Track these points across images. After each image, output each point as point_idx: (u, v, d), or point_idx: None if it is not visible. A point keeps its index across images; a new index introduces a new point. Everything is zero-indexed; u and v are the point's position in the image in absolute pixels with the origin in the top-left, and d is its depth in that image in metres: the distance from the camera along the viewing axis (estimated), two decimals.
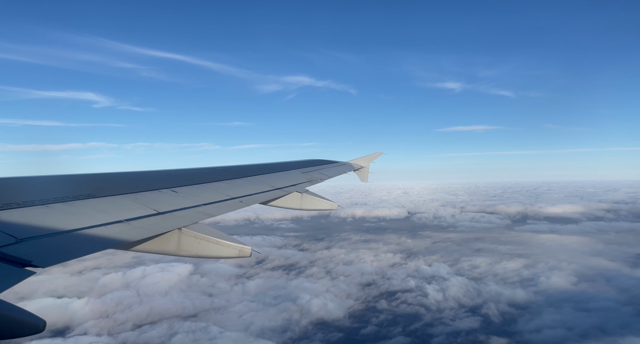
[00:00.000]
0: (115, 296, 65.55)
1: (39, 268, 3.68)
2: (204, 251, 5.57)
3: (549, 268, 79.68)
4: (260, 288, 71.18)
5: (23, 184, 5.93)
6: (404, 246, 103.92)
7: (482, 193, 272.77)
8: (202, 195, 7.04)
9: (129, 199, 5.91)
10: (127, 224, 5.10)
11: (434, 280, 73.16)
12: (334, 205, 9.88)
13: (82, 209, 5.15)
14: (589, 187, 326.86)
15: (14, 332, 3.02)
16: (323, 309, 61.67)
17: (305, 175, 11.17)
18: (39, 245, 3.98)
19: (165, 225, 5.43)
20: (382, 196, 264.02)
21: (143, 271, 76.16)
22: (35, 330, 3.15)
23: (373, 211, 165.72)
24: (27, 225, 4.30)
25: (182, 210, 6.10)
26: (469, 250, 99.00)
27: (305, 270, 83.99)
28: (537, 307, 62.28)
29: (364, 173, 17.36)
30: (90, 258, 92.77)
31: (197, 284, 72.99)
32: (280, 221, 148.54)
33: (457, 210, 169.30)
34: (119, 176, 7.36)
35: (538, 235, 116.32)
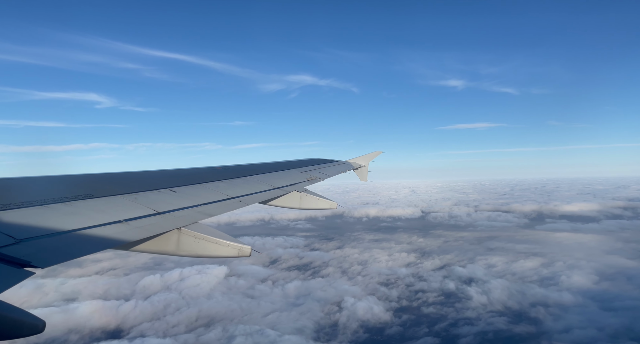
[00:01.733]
0: (161, 299, 66.00)
1: (39, 269, 3.66)
2: (203, 251, 5.54)
3: (567, 266, 78.79)
4: (300, 290, 71.28)
5: (22, 184, 5.93)
6: (426, 246, 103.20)
7: (491, 192, 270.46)
8: (201, 194, 7.02)
9: (128, 199, 5.89)
10: (126, 224, 5.08)
11: (473, 282, 72.28)
12: (334, 204, 9.84)
13: (81, 209, 5.14)
14: (597, 184, 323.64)
15: (13, 332, 3.00)
16: (369, 312, 61.43)
17: (304, 174, 11.15)
18: (38, 246, 3.97)
19: (164, 224, 5.42)
20: (391, 195, 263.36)
21: (180, 274, 76.74)
22: (35, 331, 3.14)
23: (387, 210, 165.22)
24: (26, 226, 4.29)
25: (182, 209, 6.07)
26: (486, 248, 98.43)
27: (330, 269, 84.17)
28: (562, 306, 61.50)
29: (363, 172, 17.33)
30: (105, 259, 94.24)
31: (237, 286, 73.43)
32: (296, 221, 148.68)
33: (471, 209, 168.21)
34: (118, 176, 7.36)
35: (555, 233, 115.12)
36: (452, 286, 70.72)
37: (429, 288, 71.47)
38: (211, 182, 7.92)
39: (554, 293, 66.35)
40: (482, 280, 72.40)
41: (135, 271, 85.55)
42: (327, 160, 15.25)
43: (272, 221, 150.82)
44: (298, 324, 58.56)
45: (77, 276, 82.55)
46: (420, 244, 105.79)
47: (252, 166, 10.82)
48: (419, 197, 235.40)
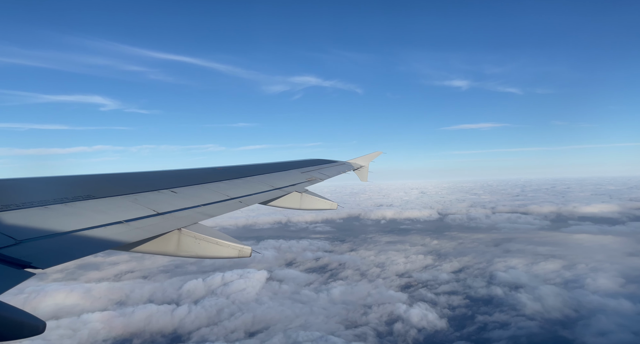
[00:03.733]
0: (212, 304, 66.14)
1: (39, 270, 3.65)
2: (203, 251, 5.53)
3: (591, 269, 77.38)
4: (345, 295, 70.84)
5: (22, 185, 5.95)
6: (453, 249, 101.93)
7: (502, 193, 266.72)
8: (202, 195, 7.01)
9: (129, 200, 5.89)
10: (126, 225, 5.08)
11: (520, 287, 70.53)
12: (334, 204, 9.83)
13: (81, 210, 5.14)
14: (607, 184, 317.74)
15: (14, 333, 3.00)
16: (424, 319, 60.68)
17: (304, 174, 11.14)
18: (38, 246, 3.97)
19: (164, 225, 5.41)
20: (401, 196, 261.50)
21: (222, 278, 77.13)
22: (35, 331, 3.13)
23: (403, 212, 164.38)
24: (26, 226, 4.29)
25: (182, 210, 6.06)
26: (509, 251, 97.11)
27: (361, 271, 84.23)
28: (592, 309, 60.38)
29: (363, 172, 17.26)
30: (122, 261, 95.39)
31: (281, 291, 73.39)
32: (314, 223, 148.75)
33: (488, 211, 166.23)
34: (119, 177, 7.38)
35: (574, 235, 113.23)
36: (499, 292, 69.12)
37: (476, 294, 70.10)
38: (211, 183, 7.91)
39: (584, 296, 65.16)
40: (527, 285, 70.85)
41: (156, 274, 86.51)
42: (327, 161, 15.22)
43: (290, 223, 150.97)
44: (357, 331, 58.33)
45: (100, 279, 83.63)
46: (446, 247, 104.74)
47: (252, 166, 10.82)
48: (431, 198, 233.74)
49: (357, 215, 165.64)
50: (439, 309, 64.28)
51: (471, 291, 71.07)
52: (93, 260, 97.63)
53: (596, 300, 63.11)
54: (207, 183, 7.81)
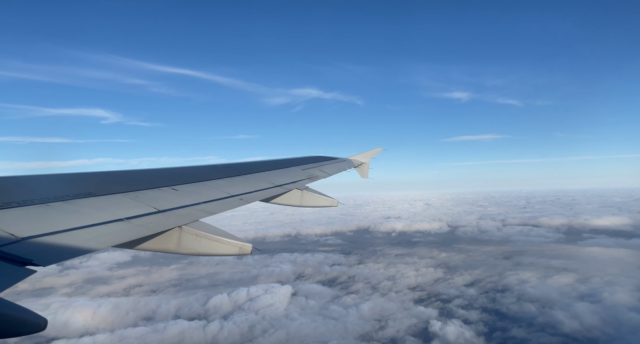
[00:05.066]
0: (242, 319, 65.53)
1: (40, 267, 3.67)
2: (204, 249, 5.53)
3: (605, 283, 76.10)
4: (375, 311, 69.93)
5: (23, 183, 5.98)
6: (471, 263, 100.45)
7: (508, 204, 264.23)
8: (202, 192, 6.99)
9: (129, 197, 5.89)
10: (127, 222, 5.07)
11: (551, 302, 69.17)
12: (335, 201, 9.76)
13: (82, 208, 5.14)
14: (612, 196, 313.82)
15: (15, 330, 3.02)
16: (461, 337, 59.72)
17: (305, 172, 11.08)
18: (39, 244, 3.97)
19: (165, 223, 5.40)
20: (407, 208, 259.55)
21: (248, 293, 76.61)
22: (37, 328, 3.14)
23: (413, 225, 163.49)
24: (27, 224, 4.29)
25: (183, 208, 6.05)
26: (526, 263, 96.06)
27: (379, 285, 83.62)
28: (612, 325, 59.19)
29: (364, 169, 17.14)
30: (130, 275, 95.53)
31: (309, 306, 72.67)
32: (324, 236, 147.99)
33: (498, 223, 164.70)
34: (119, 175, 7.39)
35: (586, 248, 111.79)
36: (532, 309, 67.47)
37: (508, 310, 68.67)
38: (212, 180, 7.90)
39: (600, 310, 63.89)
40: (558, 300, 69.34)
41: (165, 288, 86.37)
42: (327, 158, 15.09)
43: (300, 236, 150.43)
44: None
45: (109, 293, 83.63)
46: (455, 259, 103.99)
47: (252, 164, 10.81)
48: (438, 211, 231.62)
49: (367, 227, 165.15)
50: (474, 327, 63.10)
51: (502, 308, 69.70)
52: (101, 274, 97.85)
53: (615, 314, 61.91)
54: (208, 181, 7.80)
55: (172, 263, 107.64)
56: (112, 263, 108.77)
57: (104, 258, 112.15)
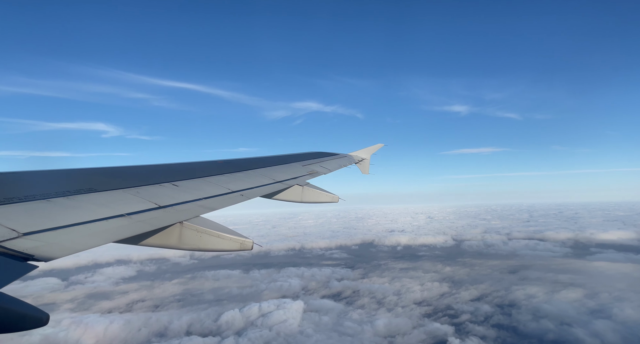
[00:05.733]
0: (257, 336, 64.84)
1: (42, 262, 3.69)
2: (205, 244, 5.53)
3: (614, 298, 75.05)
4: (390, 327, 68.95)
5: (25, 179, 5.99)
6: (480, 277, 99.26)
7: (511, 218, 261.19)
8: (203, 188, 7.00)
9: (130, 193, 5.89)
10: (128, 218, 5.08)
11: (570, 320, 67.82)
12: (335, 197, 9.76)
13: (83, 203, 5.15)
14: (614, 209, 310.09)
15: (17, 325, 3.03)
16: None
17: (305, 167, 11.06)
18: (41, 239, 3.97)
19: (166, 218, 5.41)
20: (410, 221, 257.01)
21: (259, 309, 75.91)
22: (39, 323, 3.14)
23: (418, 238, 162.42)
24: (28, 220, 4.29)
25: (183, 203, 6.05)
26: (534, 278, 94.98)
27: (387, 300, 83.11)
28: (627, 341, 58.39)
29: (364, 165, 17.04)
30: (132, 290, 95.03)
31: (323, 322, 71.83)
32: (329, 250, 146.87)
33: (503, 237, 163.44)
34: (120, 171, 7.38)
35: (593, 262, 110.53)
36: (551, 326, 66.40)
37: (525, 328, 67.47)
38: (213, 176, 7.90)
39: (613, 327, 62.94)
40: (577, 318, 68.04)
41: (168, 303, 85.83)
42: (328, 154, 14.99)
43: (304, 250, 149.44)
44: None
45: (112, 309, 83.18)
46: (460, 273, 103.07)
47: (253, 160, 10.80)
48: (441, 224, 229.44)
49: (371, 240, 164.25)
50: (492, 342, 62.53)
51: (519, 325, 68.61)
52: (102, 289, 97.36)
53: (624, 331, 60.99)
54: (209, 177, 7.79)
55: (174, 277, 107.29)
56: (118, 278, 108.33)
57: (109, 273, 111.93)
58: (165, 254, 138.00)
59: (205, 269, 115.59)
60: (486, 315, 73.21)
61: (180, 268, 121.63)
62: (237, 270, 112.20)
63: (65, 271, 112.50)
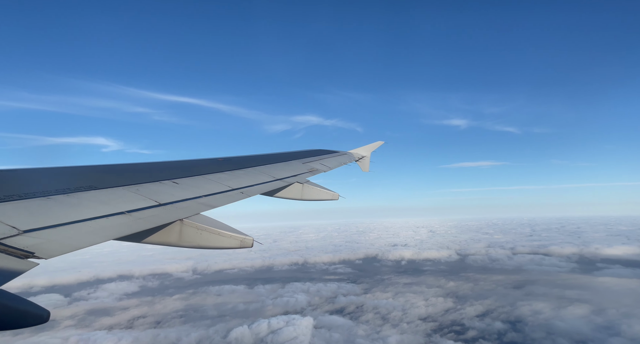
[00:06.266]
0: None
1: (42, 260, 3.69)
2: (205, 242, 5.52)
3: (622, 315, 74.06)
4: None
5: (24, 176, 5.97)
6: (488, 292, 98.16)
7: (513, 232, 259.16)
8: (203, 186, 6.99)
9: (130, 190, 5.88)
10: (128, 215, 5.07)
11: None
12: (335, 195, 9.76)
13: (83, 201, 5.14)
14: (616, 224, 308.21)
15: (18, 322, 3.05)
16: None
17: (305, 165, 11.04)
18: (41, 237, 3.98)
19: (166, 216, 5.40)
20: (412, 235, 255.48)
21: (269, 325, 75.23)
22: (39, 320, 3.17)
23: (422, 253, 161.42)
24: (29, 217, 4.29)
25: (184, 201, 6.05)
26: (535, 294, 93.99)
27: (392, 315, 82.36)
28: None
29: (365, 162, 17.05)
30: (133, 306, 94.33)
31: (334, 340, 71.12)
32: (333, 265, 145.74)
33: (507, 251, 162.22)
34: (120, 168, 7.39)
35: (599, 278, 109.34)
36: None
37: None
38: (213, 174, 7.89)
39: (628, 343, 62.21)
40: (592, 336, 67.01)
41: (170, 319, 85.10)
42: (328, 151, 14.91)
43: (308, 264, 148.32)
44: None
45: (113, 325, 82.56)
46: (471, 289, 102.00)
47: (253, 157, 10.78)
48: (444, 238, 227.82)
49: (375, 255, 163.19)
50: None
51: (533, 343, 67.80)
52: (103, 305, 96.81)
53: None
54: (209, 174, 7.79)
55: (177, 292, 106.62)
56: (121, 294, 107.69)
57: (111, 289, 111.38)
58: (168, 269, 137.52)
59: (208, 284, 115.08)
60: (494, 332, 72.47)
61: (183, 283, 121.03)
62: (242, 285, 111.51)
63: (67, 287, 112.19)
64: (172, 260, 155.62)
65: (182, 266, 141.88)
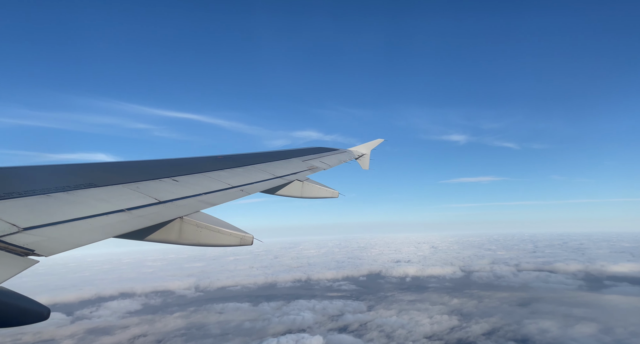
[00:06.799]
0: None
1: (42, 257, 3.69)
2: (205, 239, 5.51)
3: (630, 333, 73.35)
4: None
5: (24, 173, 6.00)
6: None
7: (516, 248, 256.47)
8: (203, 183, 7.00)
9: (130, 188, 5.89)
10: (128, 213, 5.07)
11: None
12: (335, 192, 9.73)
13: (83, 198, 5.15)
14: (618, 240, 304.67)
15: (18, 320, 3.08)
16: None
17: (305, 163, 11.04)
18: (41, 234, 3.99)
19: (166, 214, 5.40)
20: (414, 251, 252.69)
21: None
22: (40, 318, 3.19)
23: (426, 269, 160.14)
24: (29, 214, 4.30)
25: (183, 198, 6.05)
26: (542, 312, 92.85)
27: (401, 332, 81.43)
28: None
29: (364, 160, 16.95)
30: (133, 324, 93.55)
31: None
32: (337, 281, 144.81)
33: (512, 268, 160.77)
34: (120, 166, 7.42)
35: (606, 296, 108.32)
36: None
37: None
38: (213, 171, 7.90)
39: None
40: None
41: (172, 338, 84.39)
42: (328, 149, 14.85)
43: (311, 281, 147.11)
44: None
45: None
46: (476, 306, 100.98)
47: (253, 155, 10.79)
48: (447, 254, 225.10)
49: (378, 271, 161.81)
50: None
51: None
52: (104, 324, 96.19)
53: None
54: (208, 172, 7.79)
55: (180, 310, 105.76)
56: (124, 312, 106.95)
57: (114, 307, 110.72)
58: (170, 286, 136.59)
59: (211, 301, 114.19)
60: None
61: (186, 300, 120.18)
62: (245, 303, 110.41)
63: (69, 306, 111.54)
64: (174, 276, 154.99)
65: (184, 283, 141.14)
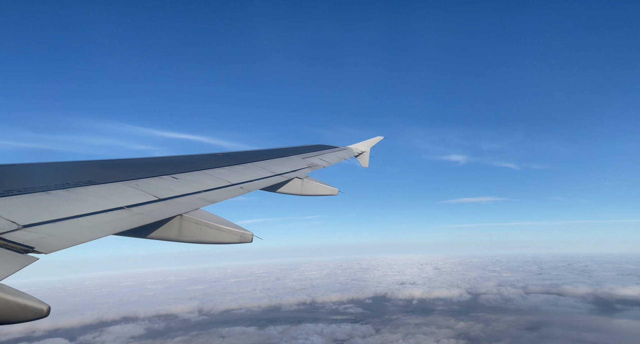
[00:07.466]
0: None
1: (42, 254, 3.71)
2: (205, 237, 5.52)
3: None
4: None
5: (24, 171, 6.02)
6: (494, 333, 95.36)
7: (521, 270, 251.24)
8: (203, 181, 7.03)
9: (130, 186, 5.91)
10: (128, 210, 5.09)
11: None
12: (335, 190, 9.73)
13: (83, 195, 5.18)
14: (623, 262, 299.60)
15: (18, 317, 3.07)
16: None
17: (305, 160, 11.08)
18: (41, 231, 4.00)
19: (166, 211, 5.42)
20: (418, 272, 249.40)
21: None
22: (39, 315, 3.18)
23: (432, 292, 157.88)
24: (28, 212, 4.32)
25: (183, 196, 6.07)
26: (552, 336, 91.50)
27: None
28: None
29: (364, 158, 16.90)
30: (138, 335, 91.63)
31: None
32: (342, 304, 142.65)
33: (520, 291, 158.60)
34: (120, 163, 7.44)
35: (616, 320, 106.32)
36: None
37: None
38: (212, 169, 7.94)
39: None
40: None
41: None
42: (327, 146, 14.92)
43: (316, 303, 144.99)
44: None
45: None
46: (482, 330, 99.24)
47: (252, 152, 10.85)
48: (452, 276, 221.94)
49: (384, 294, 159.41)
50: None
51: None
52: None
53: None
54: (208, 169, 7.83)
55: (185, 334, 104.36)
56: (127, 337, 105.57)
57: (117, 332, 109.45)
58: (173, 310, 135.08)
59: (216, 325, 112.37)
60: None
61: (190, 324, 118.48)
62: (252, 327, 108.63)
63: (70, 331, 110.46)
64: (176, 299, 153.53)
65: (187, 306, 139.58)
